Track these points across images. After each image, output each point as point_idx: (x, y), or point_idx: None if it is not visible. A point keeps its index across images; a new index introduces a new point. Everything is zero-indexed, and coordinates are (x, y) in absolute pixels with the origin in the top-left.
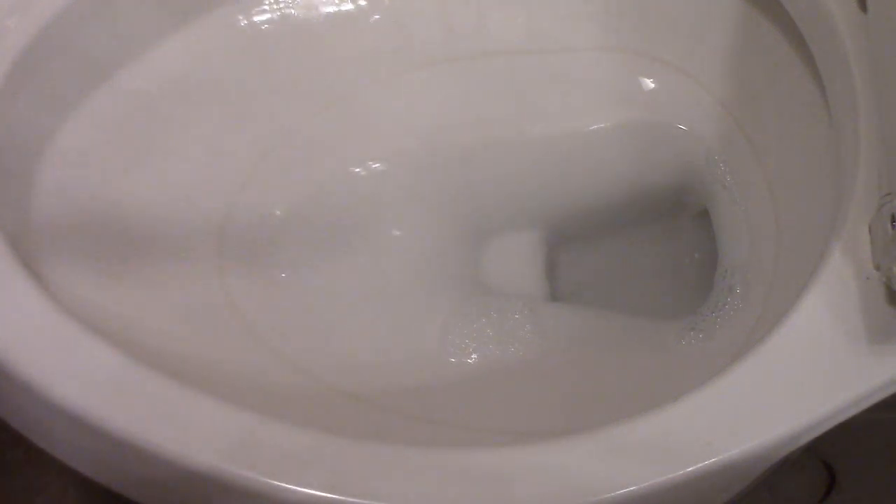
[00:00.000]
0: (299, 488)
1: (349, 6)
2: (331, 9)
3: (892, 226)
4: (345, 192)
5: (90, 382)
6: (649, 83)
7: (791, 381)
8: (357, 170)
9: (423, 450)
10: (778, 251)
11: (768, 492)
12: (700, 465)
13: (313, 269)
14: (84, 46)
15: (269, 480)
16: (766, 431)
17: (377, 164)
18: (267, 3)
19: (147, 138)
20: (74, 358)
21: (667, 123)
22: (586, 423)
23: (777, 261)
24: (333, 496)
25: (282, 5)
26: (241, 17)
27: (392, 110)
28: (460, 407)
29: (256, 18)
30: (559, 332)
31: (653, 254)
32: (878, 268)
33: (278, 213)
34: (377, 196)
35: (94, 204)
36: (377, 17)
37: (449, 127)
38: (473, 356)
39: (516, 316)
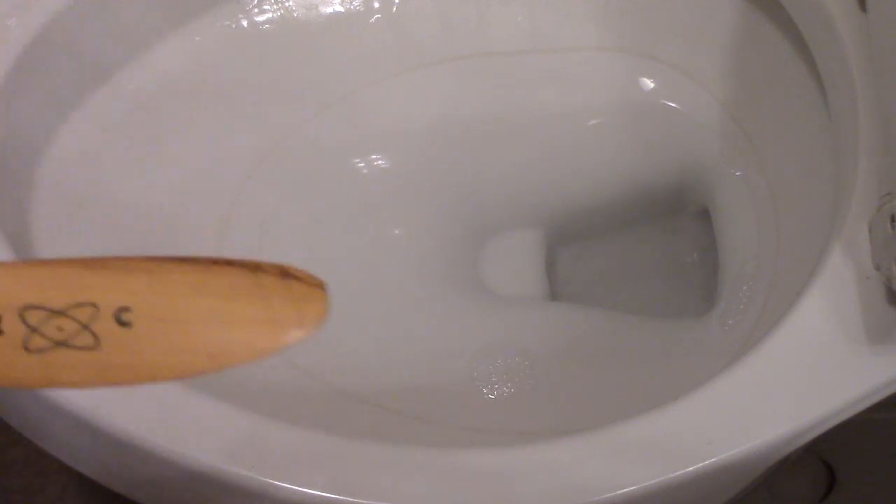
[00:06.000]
0: (299, 488)
1: (349, 6)
2: (331, 9)
3: (892, 225)
4: (345, 192)
5: None
6: (649, 83)
7: (791, 381)
8: (357, 169)
9: (423, 450)
10: (778, 251)
11: (768, 492)
12: (700, 465)
13: (313, 268)
14: (84, 46)
15: (269, 480)
16: (766, 431)
17: (377, 164)
18: (267, 3)
19: (147, 138)
20: None
21: (666, 123)
22: (586, 423)
23: (777, 261)
24: (333, 496)
25: (282, 5)
26: (241, 17)
27: (392, 110)
28: (460, 407)
29: (256, 18)
30: (560, 331)
31: (653, 253)
32: (878, 267)
33: (278, 212)
34: (377, 195)
35: (94, 204)
36: (377, 16)
37: (449, 126)
38: (474, 355)
39: (518, 321)
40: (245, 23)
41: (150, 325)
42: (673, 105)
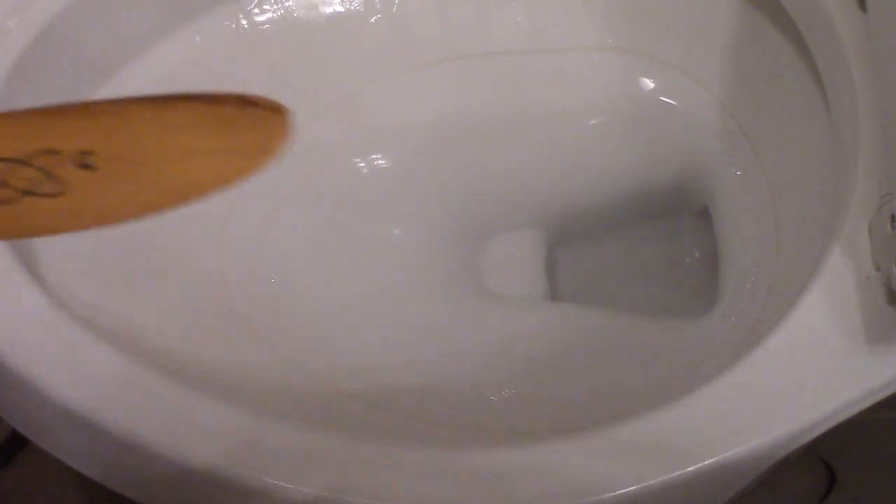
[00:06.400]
0: (299, 488)
1: (349, 6)
2: (331, 9)
3: (892, 226)
4: (345, 192)
5: (90, 382)
6: (649, 83)
7: (791, 381)
8: (357, 168)
9: (423, 450)
10: (778, 251)
11: (768, 492)
12: (700, 465)
13: (313, 268)
14: (84, 46)
15: (269, 480)
16: (766, 431)
17: (377, 164)
18: (267, 3)
19: None
20: (74, 358)
21: (666, 123)
22: (586, 423)
23: (777, 260)
24: (333, 496)
25: (282, 5)
26: (241, 17)
27: (392, 110)
28: (460, 407)
29: (256, 18)
30: (560, 331)
31: (653, 253)
32: (878, 268)
33: (278, 212)
34: (377, 195)
35: None
36: (377, 16)
37: (449, 126)
38: (474, 356)
39: (517, 320)
40: (245, 23)
41: (114, 166)
42: (673, 104)
